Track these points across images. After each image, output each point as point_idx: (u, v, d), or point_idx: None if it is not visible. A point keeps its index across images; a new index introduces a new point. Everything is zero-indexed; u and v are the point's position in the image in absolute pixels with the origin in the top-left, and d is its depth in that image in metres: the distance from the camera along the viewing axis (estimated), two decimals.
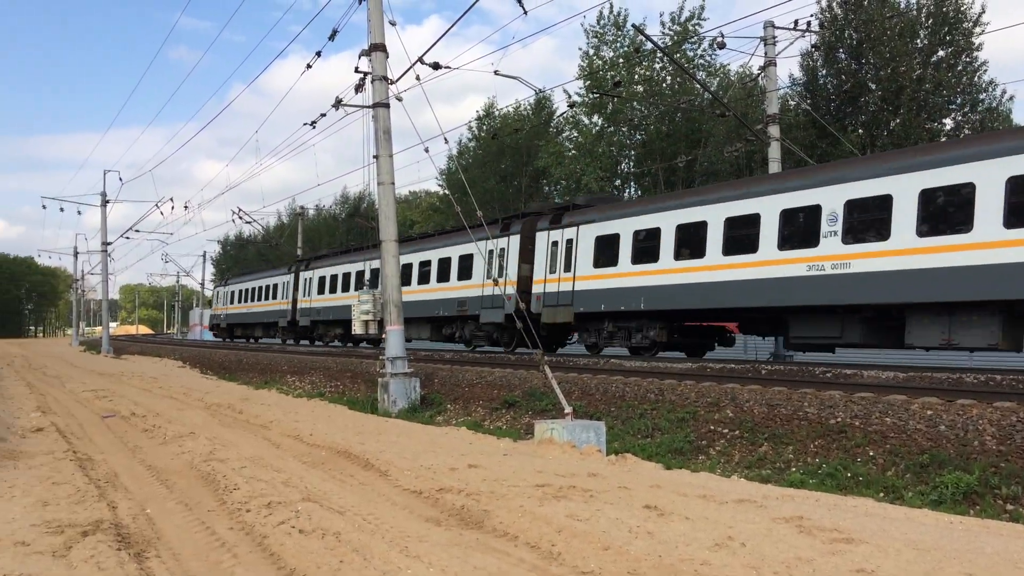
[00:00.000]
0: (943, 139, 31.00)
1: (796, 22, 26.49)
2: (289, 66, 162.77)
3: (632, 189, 45.42)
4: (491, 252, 25.46)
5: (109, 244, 55.46)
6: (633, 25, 37.70)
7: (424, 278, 29.68)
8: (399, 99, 18.20)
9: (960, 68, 32.07)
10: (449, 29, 19.82)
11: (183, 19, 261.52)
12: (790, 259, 17.07)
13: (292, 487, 8.49)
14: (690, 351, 22.75)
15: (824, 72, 35.07)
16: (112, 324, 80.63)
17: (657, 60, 39.94)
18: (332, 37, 19.18)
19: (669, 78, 40.80)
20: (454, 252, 28.16)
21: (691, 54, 40.28)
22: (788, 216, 17.26)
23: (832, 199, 16.46)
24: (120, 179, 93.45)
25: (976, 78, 32.41)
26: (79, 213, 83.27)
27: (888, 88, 31.79)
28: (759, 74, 28.29)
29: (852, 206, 16.16)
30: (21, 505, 7.72)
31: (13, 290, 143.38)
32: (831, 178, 16.76)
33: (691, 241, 19.40)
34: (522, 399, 15.60)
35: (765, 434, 11.28)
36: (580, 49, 42.49)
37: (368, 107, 18.20)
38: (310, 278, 40.61)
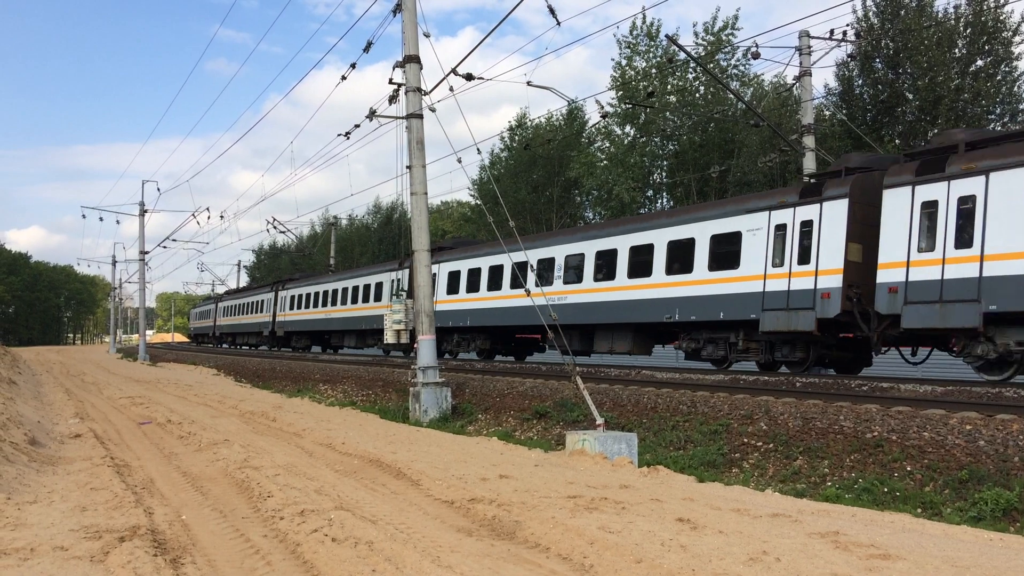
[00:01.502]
0: None
1: (832, 31, 26.31)
2: (324, 77, 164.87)
3: (664, 199, 45.23)
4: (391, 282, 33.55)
5: (146, 253, 56.38)
6: (667, 35, 37.55)
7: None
8: (432, 110, 18.34)
9: (999, 78, 31.57)
10: (482, 41, 19.97)
11: (221, 31, 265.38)
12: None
13: (325, 495, 8.54)
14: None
15: (860, 82, 34.70)
16: (148, 332, 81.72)
17: (690, 70, 39.80)
18: (367, 49, 19.34)
19: (703, 88, 40.63)
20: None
21: (725, 64, 40.10)
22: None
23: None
24: (158, 189, 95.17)
25: (1016, 88, 31.90)
26: (118, 222, 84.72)
27: (926, 98, 31.37)
28: (794, 84, 28.11)
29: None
30: (60, 510, 7.84)
31: (53, 298, 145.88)
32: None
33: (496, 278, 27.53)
34: (553, 410, 15.57)
35: (800, 448, 11.15)
36: (613, 59, 42.47)
37: (402, 118, 18.33)
38: (295, 294, 48.64)
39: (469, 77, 19.30)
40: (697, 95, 40.77)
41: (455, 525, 7.47)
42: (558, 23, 18.51)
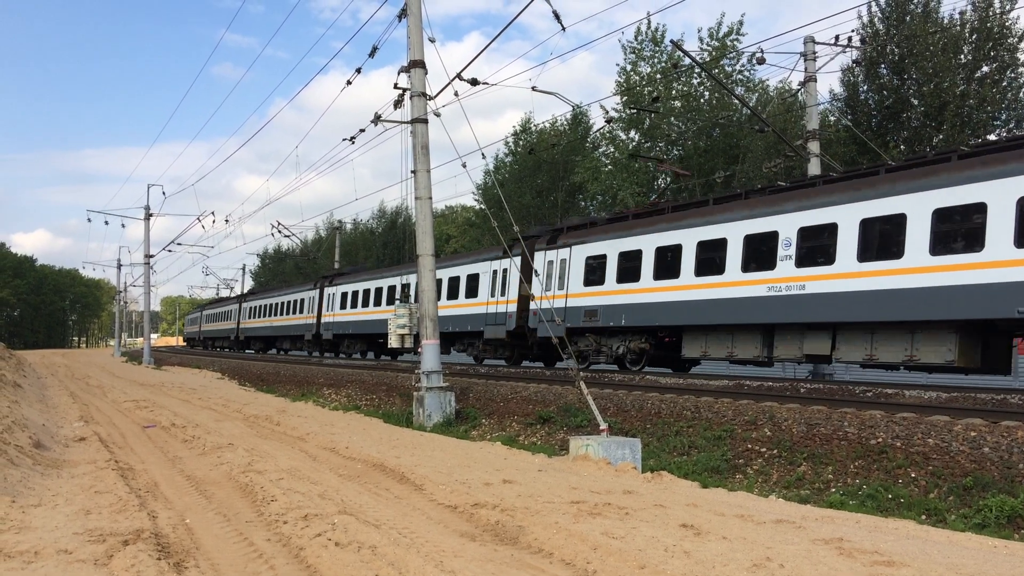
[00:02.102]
0: None
1: (837, 37, 26.33)
2: (329, 82, 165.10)
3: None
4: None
5: (151, 256, 56.48)
6: (672, 41, 37.59)
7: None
8: (437, 115, 18.36)
9: (1005, 84, 31.54)
10: (487, 46, 19.98)
11: (227, 35, 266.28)
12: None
13: (329, 499, 8.55)
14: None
15: (865, 87, 34.68)
16: (153, 335, 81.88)
17: (695, 76, 39.80)
18: (372, 54, 19.41)
19: (707, 93, 40.63)
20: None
21: (730, 69, 40.11)
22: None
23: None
24: (163, 193, 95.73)
25: (1021, 94, 31.86)
26: (123, 226, 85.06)
27: (931, 104, 31.34)
28: (799, 89, 28.10)
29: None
30: (64, 513, 7.86)
31: (58, 301, 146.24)
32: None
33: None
34: (557, 415, 15.56)
35: (804, 454, 11.13)
36: (618, 65, 42.44)
37: (407, 123, 18.36)
38: (252, 306, 58.20)
39: (474, 82, 19.33)
40: (702, 100, 40.77)
41: (458, 530, 7.47)
42: (563, 28, 18.53)
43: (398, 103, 18.61)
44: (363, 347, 41.90)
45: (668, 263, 20.36)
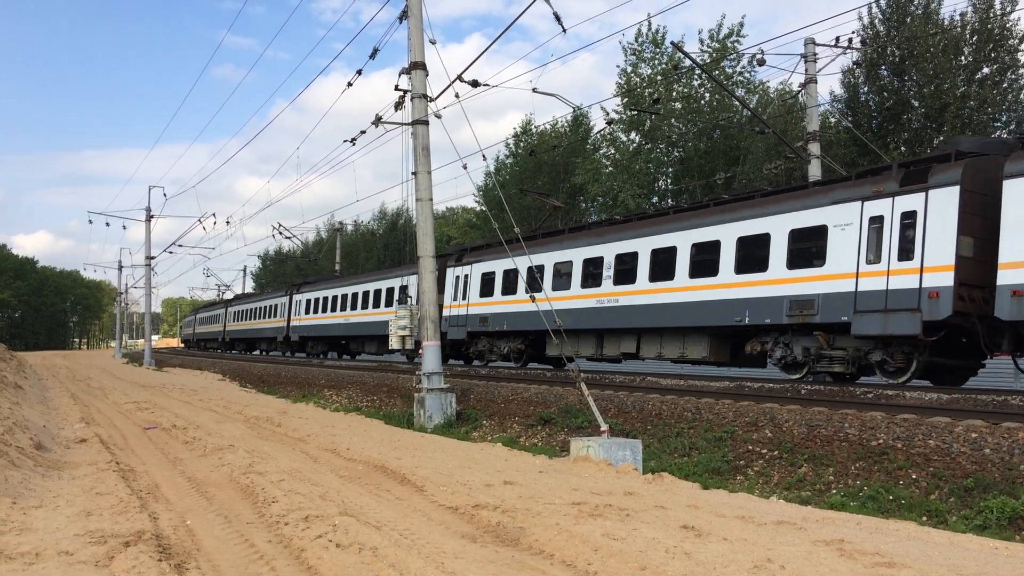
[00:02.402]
0: None
1: (837, 39, 26.34)
2: (330, 83, 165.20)
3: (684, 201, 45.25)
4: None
5: (152, 258, 56.52)
6: (672, 43, 37.62)
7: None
8: (438, 116, 18.38)
9: (1005, 85, 31.56)
10: (487, 48, 20.09)
11: (229, 37, 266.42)
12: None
13: (329, 501, 8.55)
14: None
15: (866, 89, 34.70)
16: (154, 337, 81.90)
17: (696, 77, 39.81)
18: (373, 56, 19.42)
19: (708, 95, 40.63)
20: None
21: (730, 71, 40.11)
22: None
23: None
24: (164, 194, 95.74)
25: (1022, 95, 31.89)
26: (124, 228, 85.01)
27: (932, 105, 31.36)
28: (799, 91, 28.10)
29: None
30: (65, 515, 7.86)
31: (59, 303, 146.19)
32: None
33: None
34: (558, 416, 15.56)
35: (805, 455, 11.13)
36: (618, 66, 42.45)
37: (407, 124, 18.38)
38: (236, 310, 63.94)
39: (475, 84, 19.35)
40: (702, 102, 40.78)
41: (459, 531, 7.47)
42: (564, 30, 18.54)
43: (399, 105, 18.63)
44: (324, 348, 46.18)
45: (535, 281, 24.14)
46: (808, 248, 16.96)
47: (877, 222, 15.67)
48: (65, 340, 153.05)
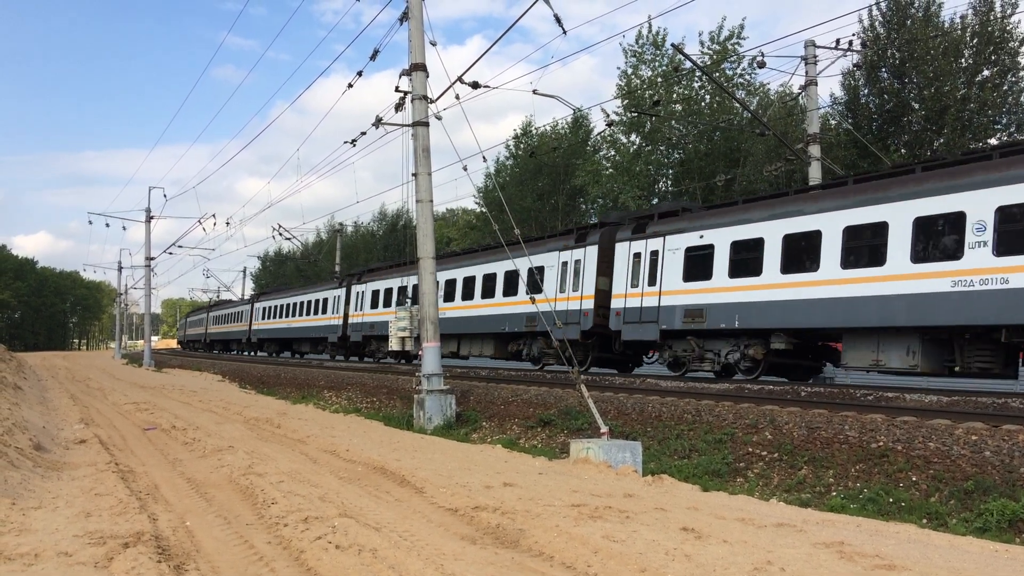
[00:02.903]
0: None
1: (838, 41, 26.38)
2: (331, 84, 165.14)
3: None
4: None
5: (152, 259, 56.51)
6: (672, 44, 37.65)
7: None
8: (438, 118, 18.37)
9: (1006, 88, 31.56)
10: (488, 50, 20.14)
11: (229, 38, 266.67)
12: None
13: (329, 502, 8.54)
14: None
15: (866, 91, 34.71)
16: (154, 338, 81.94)
17: (696, 79, 39.82)
18: (373, 57, 19.43)
19: (708, 97, 40.64)
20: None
21: (730, 73, 40.13)
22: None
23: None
24: (164, 195, 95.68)
25: (1022, 98, 31.88)
26: (124, 228, 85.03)
27: (932, 107, 31.36)
28: (799, 93, 28.12)
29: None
30: (64, 516, 7.85)
31: (59, 303, 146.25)
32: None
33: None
34: (558, 418, 15.55)
35: (805, 457, 11.12)
36: (619, 68, 42.46)
37: (408, 126, 18.38)
38: (215, 315, 70.22)
39: (475, 85, 19.35)
40: (703, 104, 40.79)
41: (459, 533, 7.46)
42: (564, 32, 18.54)
43: (399, 106, 18.64)
44: (277, 348, 55.30)
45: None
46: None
47: (564, 265, 24.64)
48: (65, 341, 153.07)
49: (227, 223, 48.94)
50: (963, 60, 31.69)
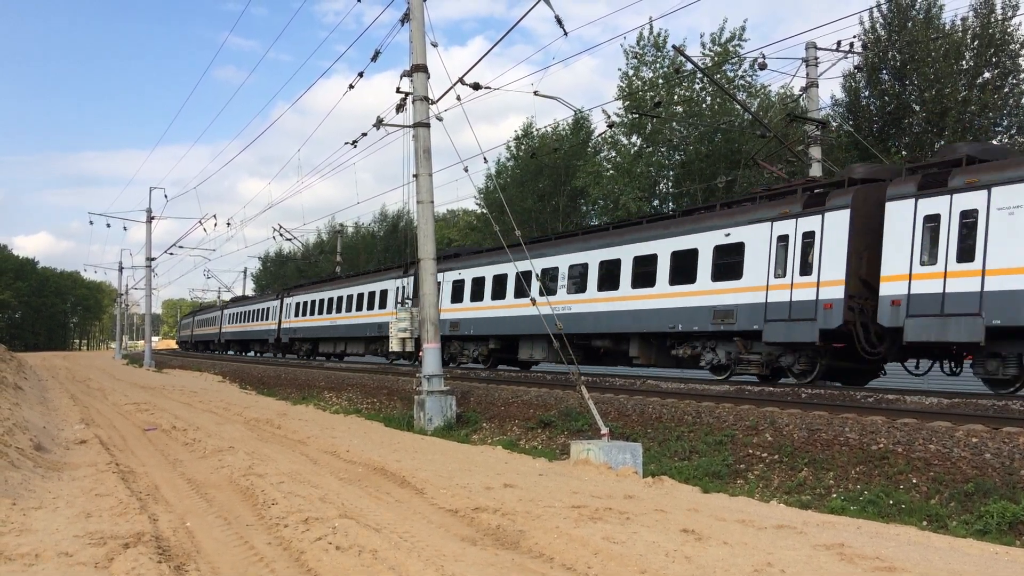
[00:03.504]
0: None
1: (839, 43, 26.38)
2: (332, 85, 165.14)
3: (670, 209, 45.24)
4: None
5: (153, 259, 56.51)
6: (674, 46, 37.66)
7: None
8: (439, 119, 18.37)
9: (1007, 90, 31.56)
10: (489, 51, 20.04)
11: (230, 38, 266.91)
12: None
13: (329, 503, 8.54)
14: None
15: (867, 93, 34.70)
16: (154, 338, 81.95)
17: (697, 81, 39.82)
18: (375, 58, 19.45)
19: (709, 99, 40.64)
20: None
21: (731, 75, 40.12)
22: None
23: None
24: (165, 196, 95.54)
25: (1023, 100, 31.87)
26: (125, 229, 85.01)
27: (933, 110, 31.35)
28: (800, 95, 28.11)
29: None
30: (65, 516, 7.85)
31: (59, 304, 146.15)
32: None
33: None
34: (558, 419, 15.55)
35: (805, 459, 11.12)
36: (620, 69, 42.50)
37: (408, 127, 18.39)
38: (197, 319, 79.74)
39: (476, 86, 19.35)
40: (704, 105, 40.79)
41: (459, 534, 7.47)
42: (565, 33, 18.54)
43: (400, 107, 18.64)
44: (239, 348, 64.93)
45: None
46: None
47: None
48: (65, 341, 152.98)
49: (228, 224, 48.99)
50: (964, 62, 31.68)
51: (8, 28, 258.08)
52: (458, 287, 29.32)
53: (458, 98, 18.76)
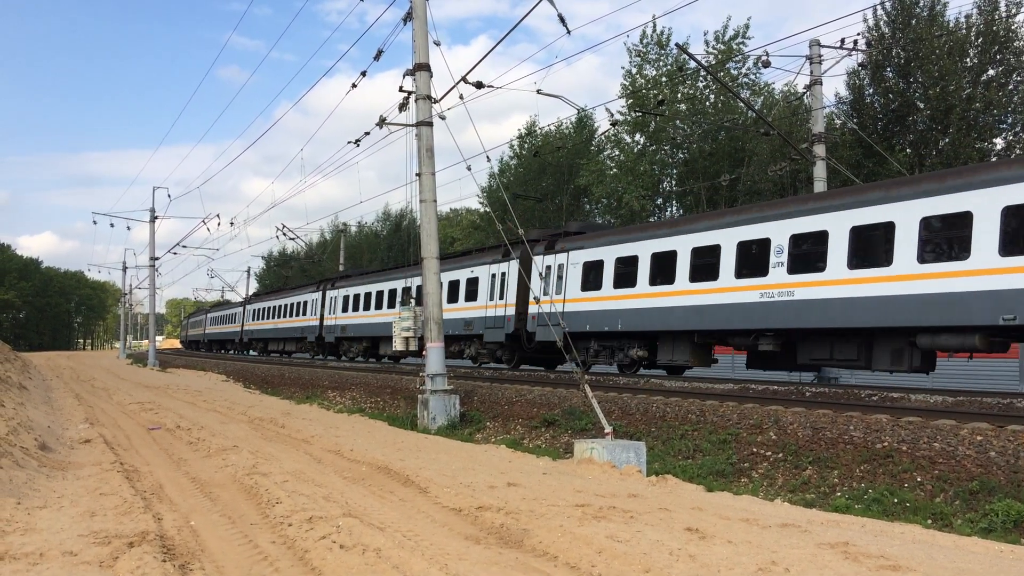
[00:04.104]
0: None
1: (842, 40, 26.30)
2: (335, 84, 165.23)
3: (674, 208, 45.23)
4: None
5: (157, 259, 56.63)
6: (677, 44, 37.63)
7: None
8: (442, 118, 18.39)
9: (1011, 87, 31.48)
10: (491, 50, 20.02)
11: (234, 38, 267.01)
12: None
13: (333, 502, 8.54)
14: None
15: (871, 91, 34.63)
16: (158, 338, 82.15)
17: (701, 79, 39.78)
18: (377, 57, 19.43)
19: (713, 97, 40.60)
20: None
21: (735, 72, 40.07)
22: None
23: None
24: (169, 195, 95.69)
25: None
26: (128, 228, 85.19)
27: (937, 107, 31.28)
28: (804, 93, 28.07)
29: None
30: (69, 515, 7.86)
31: (63, 303, 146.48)
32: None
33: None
34: (562, 418, 15.55)
35: (809, 457, 11.11)
36: (623, 68, 42.43)
37: (411, 126, 18.38)
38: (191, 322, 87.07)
39: (479, 85, 19.35)
40: (707, 104, 40.75)
41: (463, 533, 7.46)
42: (568, 32, 18.53)
43: (403, 106, 18.64)
44: (218, 347, 72.95)
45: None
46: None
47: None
48: (69, 341, 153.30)
49: (231, 223, 49.15)
50: (968, 59, 31.61)
51: (11, 28, 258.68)
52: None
53: (461, 97, 18.77)
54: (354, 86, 20.92)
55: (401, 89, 18.56)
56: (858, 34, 29.40)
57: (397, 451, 12.64)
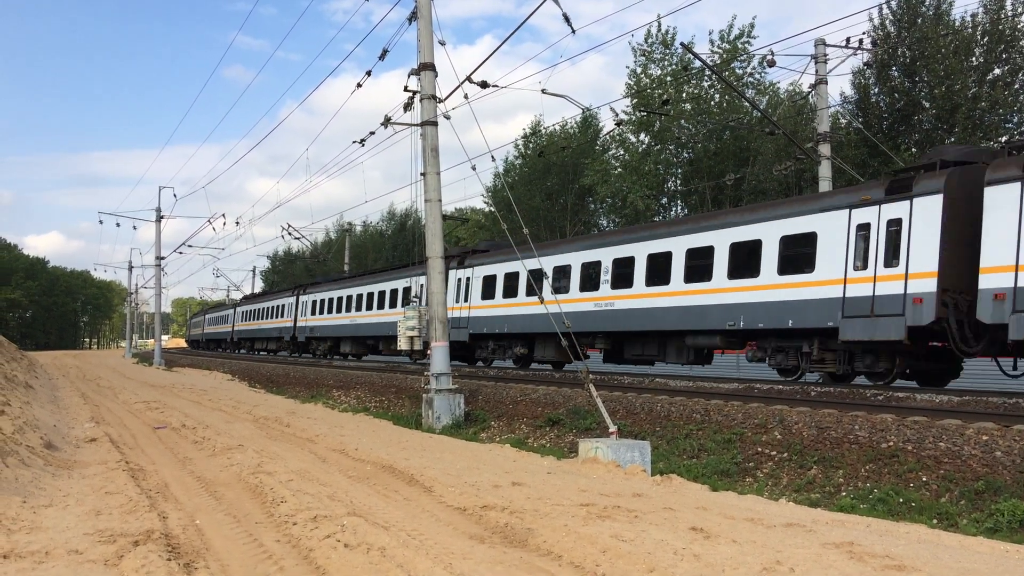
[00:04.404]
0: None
1: (848, 40, 26.28)
2: (340, 84, 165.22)
3: (679, 208, 45.20)
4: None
5: (162, 258, 56.75)
6: (682, 43, 37.58)
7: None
8: (447, 117, 18.39)
9: (1017, 86, 31.39)
10: (496, 50, 20.00)
11: (239, 38, 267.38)
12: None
13: (338, 501, 8.55)
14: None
15: (876, 90, 34.57)
16: (164, 337, 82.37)
17: (706, 78, 39.74)
18: (382, 57, 19.43)
19: (718, 96, 40.56)
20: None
21: (740, 72, 40.03)
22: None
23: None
24: (174, 195, 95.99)
25: None
26: (134, 228, 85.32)
27: (943, 106, 31.21)
28: (810, 92, 28.03)
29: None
30: (75, 514, 7.89)
31: (69, 303, 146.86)
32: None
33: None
34: (566, 417, 15.54)
35: (814, 457, 11.09)
36: (628, 67, 42.46)
37: (416, 125, 18.39)
38: (193, 322, 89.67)
39: (484, 85, 19.36)
40: (712, 103, 40.71)
41: (467, 532, 7.47)
42: (573, 31, 18.56)
43: (408, 106, 18.65)
44: (215, 345, 76.17)
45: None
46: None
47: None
48: (75, 340, 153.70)
49: (236, 223, 49.34)
50: (974, 59, 31.53)
51: (15, 28, 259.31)
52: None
53: (466, 96, 18.79)
54: (359, 86, 20.95)
55: (406, 89, 18.57)
56: (863, 33, 29.40)
57: (402, 450, 12.65)
